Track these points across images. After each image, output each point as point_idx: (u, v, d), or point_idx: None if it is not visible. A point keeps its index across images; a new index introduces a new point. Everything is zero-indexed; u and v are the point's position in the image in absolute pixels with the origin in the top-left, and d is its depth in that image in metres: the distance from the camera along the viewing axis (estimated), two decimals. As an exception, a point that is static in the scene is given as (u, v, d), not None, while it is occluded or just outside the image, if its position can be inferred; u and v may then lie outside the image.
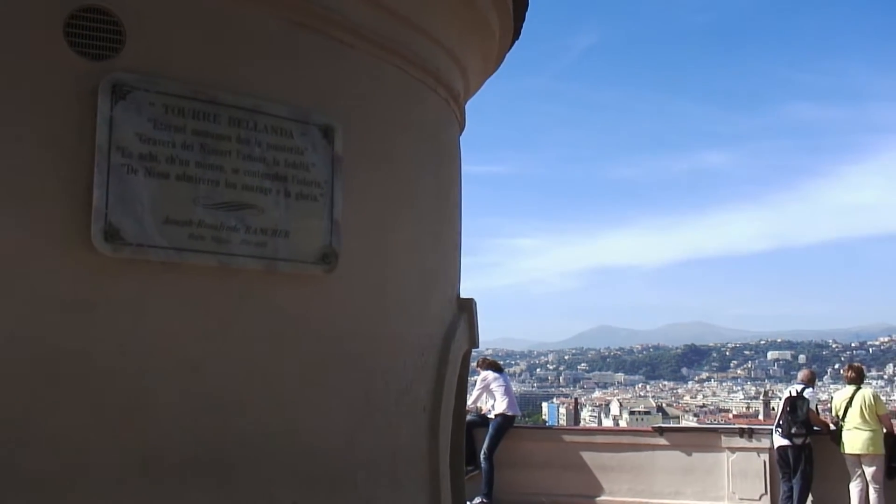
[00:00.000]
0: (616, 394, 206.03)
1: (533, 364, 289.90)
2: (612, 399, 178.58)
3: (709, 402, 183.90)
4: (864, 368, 11.23)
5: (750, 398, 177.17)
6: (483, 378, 12.53)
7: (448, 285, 3.75)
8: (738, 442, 11.26)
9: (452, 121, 3.89)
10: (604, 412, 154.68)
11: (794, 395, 10.75)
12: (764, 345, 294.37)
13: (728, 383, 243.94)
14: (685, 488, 11.41)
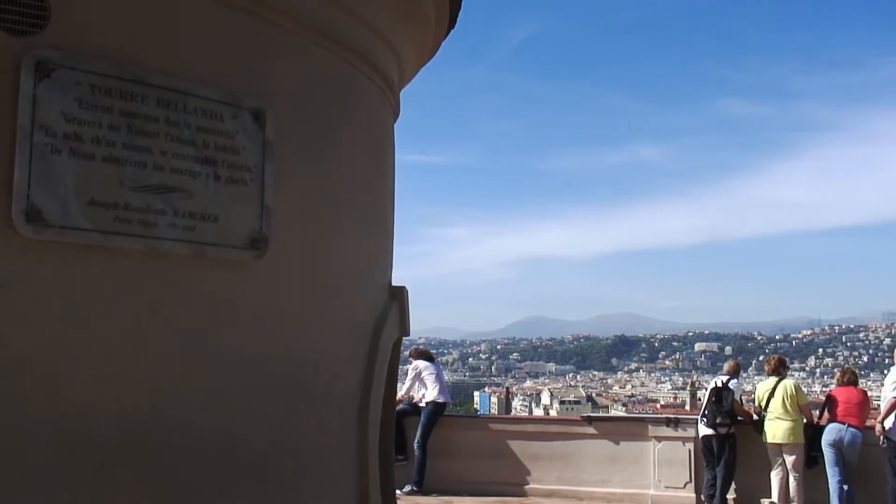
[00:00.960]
0: (547, 383, 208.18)
1: (465, 353, 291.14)
2: (543, 389, 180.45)
3: (637, 393, 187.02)
4: (786, 360, 11.52)
5: (677, 388, 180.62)
6: (415, 367, 12.56)
7: (380, 273, 3.74)
8: (664, 431, 11.45)
9: (386, 108, 3.88)
10: (535, 401, 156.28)
11: (719, 385, 10.97)
12: (692, 336, 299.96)
13: (656, 374, 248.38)
14: (612, 476, 11.57)
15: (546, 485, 11.74)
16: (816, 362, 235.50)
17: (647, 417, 12.79)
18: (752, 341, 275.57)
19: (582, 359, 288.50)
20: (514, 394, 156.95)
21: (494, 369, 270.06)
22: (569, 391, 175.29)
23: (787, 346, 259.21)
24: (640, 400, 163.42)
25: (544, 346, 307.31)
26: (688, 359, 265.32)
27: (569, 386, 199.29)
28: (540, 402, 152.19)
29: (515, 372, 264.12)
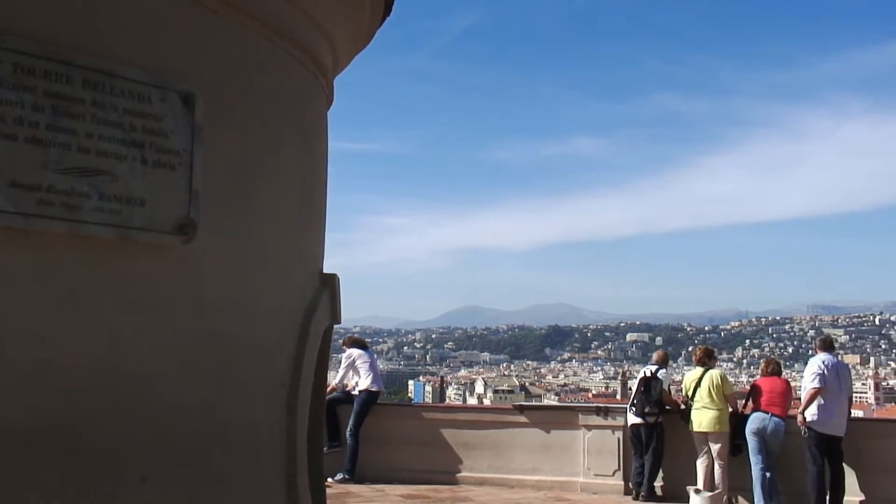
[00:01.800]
0: (481, 373, 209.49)
1: (400, 342, 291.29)
2: (477, 378, 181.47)
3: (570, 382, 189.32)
4: (713, 351, 11.74)
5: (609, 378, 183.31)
6: (348, 355, 12.54)
7: (311, 260, 3.72)
8: (594, 420, 11.61)
9: (320, 95, 3.85)
10: (469, 390, 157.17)
11: (647, 375, 11.17)
12: (624, 327, 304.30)
13: (589, 364, 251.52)
14: (543, 464, 11.71)
15: (477, 473, 11.83)
16: (744, 353, 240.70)
17: (577, 406, 12.96)
18: (682, 332, 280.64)
19: (516, 348, 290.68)
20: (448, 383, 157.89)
21: (429, 358, 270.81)
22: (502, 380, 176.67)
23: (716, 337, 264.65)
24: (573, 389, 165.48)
25: (479, 335, 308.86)
26: (619, 349, 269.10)
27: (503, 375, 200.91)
28: (474, 392, 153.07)
29: (450, 361, 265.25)
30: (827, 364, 10.29)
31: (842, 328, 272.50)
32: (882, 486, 10.01)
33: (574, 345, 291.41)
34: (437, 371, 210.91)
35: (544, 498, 10.94)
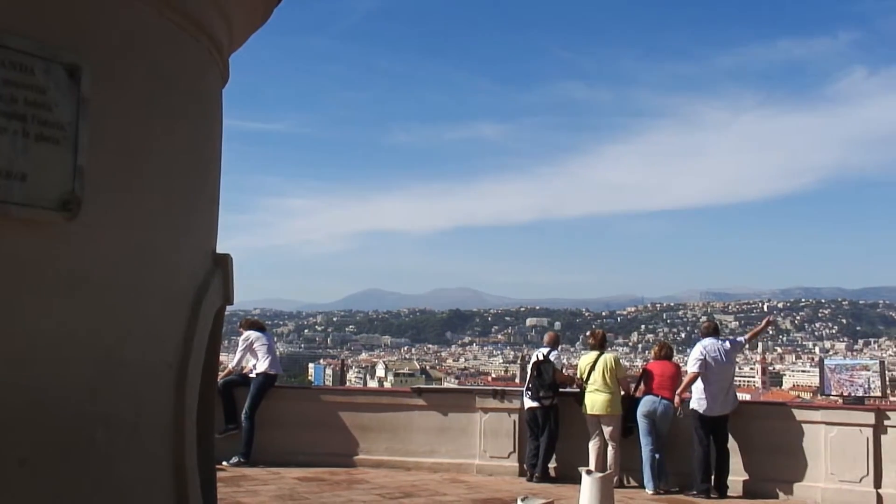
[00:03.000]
0: (382, 356, 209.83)
1: (301, 325, 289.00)
2: (378, 361, 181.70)
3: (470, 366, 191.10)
4: (606, 335, 12.01)
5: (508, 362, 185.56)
6: (246, 338, 12.39)
7: (203, 239, 3.64)
8: (490, 403, 11.76)
9: (214, 72, 3.77)
10: (370, 374, 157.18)
11: (539, 359, 11.35)
12: (524, 312, 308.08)
13: (489, 347, 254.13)
14: (440, 447, 11.82)
15: (375, 455, 11.88)
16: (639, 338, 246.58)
17: (474, 389, 13.12)
18: (580, 317, 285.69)
19: (417, 332, 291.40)
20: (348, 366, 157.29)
21: (330, 341, 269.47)
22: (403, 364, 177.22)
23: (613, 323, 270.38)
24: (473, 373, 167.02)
25: (380, 318, 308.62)
26: (519, 333, 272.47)
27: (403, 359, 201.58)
28: (375, 375, 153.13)
29: (351, 344, 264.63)
30: (709, 349, 10.64)
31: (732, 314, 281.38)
32: (765, 465, 10.42)
33: (475, 329, 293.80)
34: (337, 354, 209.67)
35: (440, 480, 11.04)
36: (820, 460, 10.13)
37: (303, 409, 12.31)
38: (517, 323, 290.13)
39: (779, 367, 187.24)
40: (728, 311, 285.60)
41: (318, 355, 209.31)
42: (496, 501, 9.63)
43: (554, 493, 9.35)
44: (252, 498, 9.40)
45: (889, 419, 9.86)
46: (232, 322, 13.54)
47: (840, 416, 10.14)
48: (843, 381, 10.55)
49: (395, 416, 12.06)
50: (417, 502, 9.51)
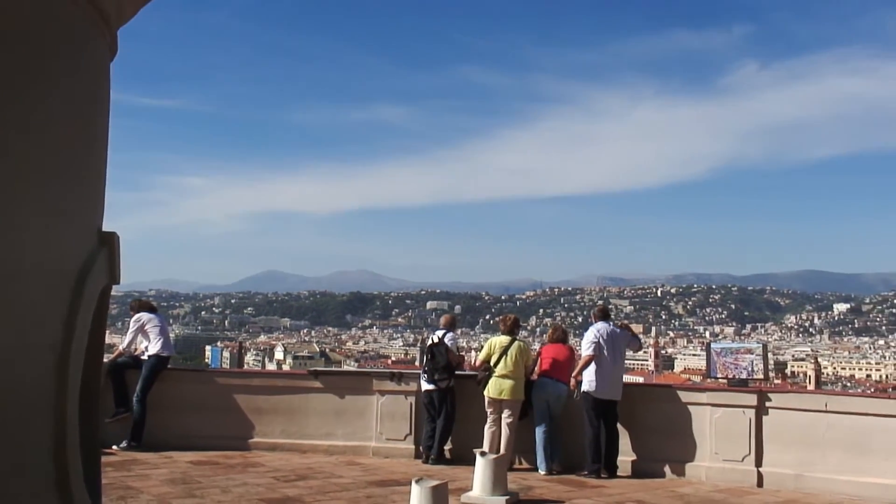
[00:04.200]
0: (281, 338, 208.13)
1: (198, 307, 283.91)
2: (277, 344, 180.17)
3: (370, 349, 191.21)
4: (519, 319, 12.07)
5: (409, 345, 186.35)
6: (137, 319, 12.11)
7: (86, 217, 3.53)
8: (388, 385, 11.78)
9: (101, 44, 3.64)
10: (268, 356, 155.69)
11: (435, 341, 11.41)
12: (424, 295, 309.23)
13: (389, 330, 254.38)
14: (336, 430, 11.79)
15: (270, 438, 11.79)
16: (537, 322, 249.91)
17: (371, 372, 13.13)
18: (480, 301, 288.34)
19: (317, 315, 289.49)
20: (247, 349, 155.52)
21: (228, 323, 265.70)
22: (303, 346, 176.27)
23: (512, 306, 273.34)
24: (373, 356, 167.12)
25: (280, 301, 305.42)
26: (419, 316, 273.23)
27: (303, 341, 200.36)
28: (273, 358, 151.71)
29: (249, 326, 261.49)
30: (602, 333, 10.88)
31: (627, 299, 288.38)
32: (653, 445, 10.72)
33: (375, 312, 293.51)
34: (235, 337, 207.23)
35: (336, 462, 11.02)
36: (705, 440, 10.46)
37: (197, 392, 12.12)
38: (417, 306, 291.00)
39: (671, 350, 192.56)
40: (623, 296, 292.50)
41: (216, 338, 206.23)
42: (391, 483, 9.67)
43: (449, 475, 9.44)
44: (142, 482, 9.24)
45: (770, 400, 10.25)
46: (126, 303, 13.20)
47: (724, 398, 10.50)
48: (728, 365, 10.92)
49: (292, 398, 11.98)
50: (313, 485, 9.48)
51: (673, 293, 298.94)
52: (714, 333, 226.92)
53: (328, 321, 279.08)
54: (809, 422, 9.91)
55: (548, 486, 9.81)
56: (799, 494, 9.53)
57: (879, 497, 9.15)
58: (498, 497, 8.59)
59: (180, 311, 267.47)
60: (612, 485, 9.99)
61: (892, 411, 9.57)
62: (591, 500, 9.06)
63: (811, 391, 16.42)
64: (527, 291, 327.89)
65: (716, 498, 9.33)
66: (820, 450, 9.77)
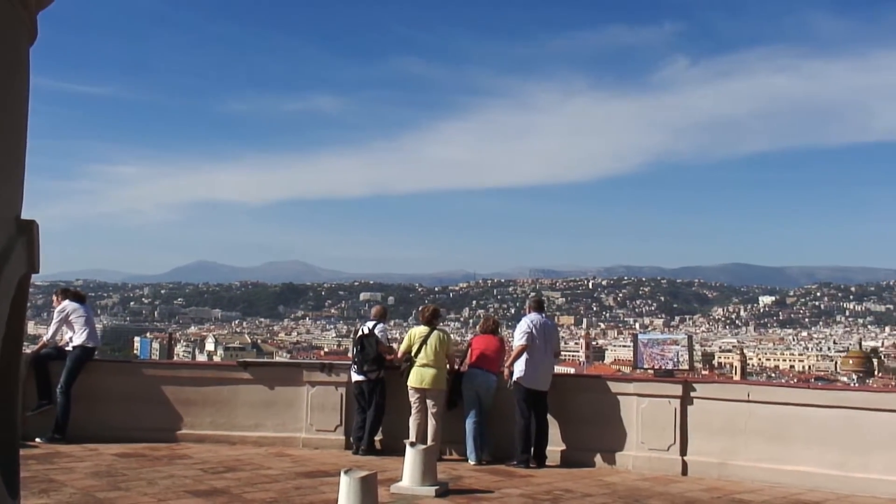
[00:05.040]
0: (212, 329, 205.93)
1: (127, 297, 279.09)
2: (207, 335, 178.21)
3: (303, 340, 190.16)
4: (439, 310, 12.12)
5: (342, 336, 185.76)
6: (62, 309, 11.87)
7: (4, 205, 3.46)
8: (318, 376, 11.75)
9: (19, 28, 3.56)
10: (199, 347, 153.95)
11: (364, 333, 11.40)
12: (358, 286, 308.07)
13: (322, 322, 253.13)
14: (266, 421, 11.73)
15: (198, 430, 11.70)
16: (470, 313, 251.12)
17: (302, 363, 13.09)
18: (413, 292, 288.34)
19: (249, 305, 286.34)
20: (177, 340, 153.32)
21: (157, 314, 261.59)
22: (234, 337, 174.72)
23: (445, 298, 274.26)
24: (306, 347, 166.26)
25: (211, 291, 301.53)
26: (353, 308, 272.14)
27: (235, 332, 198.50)
28: (204, 349, 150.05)
29: (180, 317, 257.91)
30: (535, 323, 10.98)
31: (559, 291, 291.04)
32: (581, 435, 10.87)
33: (308, 303, 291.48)
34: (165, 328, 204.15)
35: (265, 454, 10.96)
36: (632, 430, 10.64)
37: (123, 384, 11.92)
38: (351, 297, 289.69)
39: (602, 341, 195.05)
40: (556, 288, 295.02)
41: (145, 328, 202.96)
42: (321, 474, 9.64)
43: (378, 466, 9.45)
44: (66, 475, 9.06)
45: (695, 390, 10.45)
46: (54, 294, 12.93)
47: (651, 388, 10.68)
48: (654, 355, 11.12)
49: (220, 389, 11.86)
50: (241, 476, 9.40)
51: (604, 285, 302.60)
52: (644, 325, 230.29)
53: (260, 312, 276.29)
54: (732, 411, 10.14)
55: (477, 476, 9.88)
56: (722, 482, 9.74)
57: (799, 484, 9.41)
58: (427, 487, 8.63)
59: (108, 302, 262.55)
60: (541, 474, 10.11)
61: (810, 401, 9.84)
62: (519, 489, 9.15)
63: (735, 381, 16.83)
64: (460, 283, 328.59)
65: (641, 486, 9.49)
66: (742, 438, 10.00)
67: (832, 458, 9.43)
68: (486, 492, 9.01)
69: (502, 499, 8.66)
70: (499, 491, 9.05)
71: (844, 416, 9.52)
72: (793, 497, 8.98)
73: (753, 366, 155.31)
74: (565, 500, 8.64)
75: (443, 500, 8.43)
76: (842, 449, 9.41)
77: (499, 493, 8.97)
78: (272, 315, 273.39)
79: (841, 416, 9.54)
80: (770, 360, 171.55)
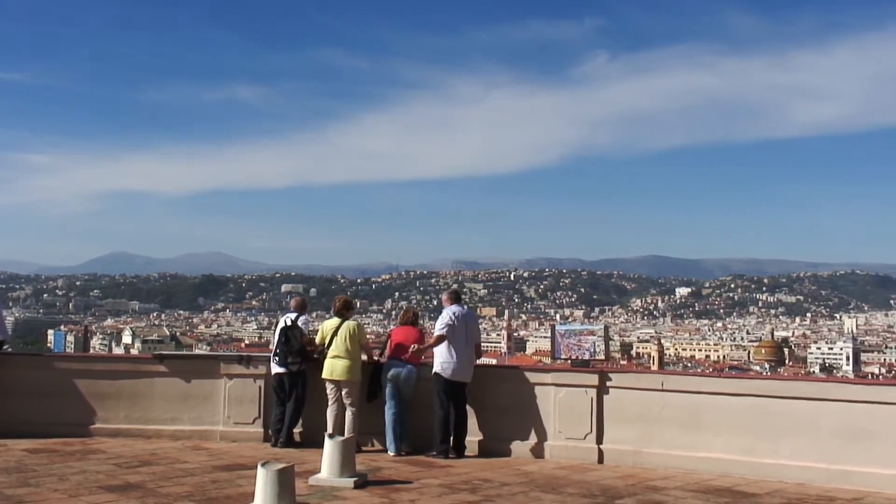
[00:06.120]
0: (129, 322, 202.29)
1: (40, 289, 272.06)
2: (124, 327, 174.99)
3: (223, 332, 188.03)
4: (351, 302, 12.02)
5: (263, 328, 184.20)
6: (-31, 302, 11.52)
7: None
8: (236, 369, 11.62)
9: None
10: (115, 340, 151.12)
11: (287, 324, 11.30)
12: (279, 278, 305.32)
13: (243, 314, 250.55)
14: (182, 414, 11.57)
15: (113, 424, 11.52)
16: (393, 304, 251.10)
17: (219, 355, 12.93)
18: (335, 284, 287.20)
19: (168, 297, 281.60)
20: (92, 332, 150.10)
21: (72, 307, 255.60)
22: (152, 330, 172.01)
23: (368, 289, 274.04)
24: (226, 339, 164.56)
25: (128, 283, 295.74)
26: (274, 300, 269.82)
27: (153, 325, 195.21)
28: (121, 342, 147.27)
29: (96, 310, 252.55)
30: (457, 315, 11.02)
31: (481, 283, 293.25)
32: (500, 425, 10.94)
33: (229, 295, 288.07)
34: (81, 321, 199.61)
35: (182, 447, 10.80)
36: (550, 419, 10.74)
37: (34, 377, 11.62)
38: (272, 289, 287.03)
39: (523, 333, 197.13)
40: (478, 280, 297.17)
41: (59, 321, 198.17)
42: (238, 467, 9.53)
43: (297, 458, 9.39)
44: (-28, 472, 8.81)
45: (611, 380, 10.60)
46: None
47: (568, 378, 10.79)
48: (571, 346, 11.24)
49: (136, 383, 11.64)
50: (156, 471, 9.25)
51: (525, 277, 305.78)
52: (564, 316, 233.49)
53: (179, 304, 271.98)
54: (647, 400, 10.32)
55: (396, 467, 9.89)
56: (637, 470, 9.92)
57: (710, 470, 9.64)
58: (346, 479, 8.60)
59: (20, 294, 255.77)
60: (460, 465, 10.16)
61: (722, 389, 10.08)
62: (438, 479, 9.18)
63: (650, 371, 17.14)
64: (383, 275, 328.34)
65: (558, 475, 9.61)
66: (657, 427, 10.20)
67: (743, 444, 9.68)
68: (405, 482, 9.02)
69: (421, 489, 8.68)
70: (418, 482, 9.07)
71: (754, 403, 9.78)
72: (704, 483, 9.19)
73: (670, 355, 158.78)
74: (483, 490, 8.70)
75: (361, 492, 8.41)
76: (752, 435, 9.67)
77: (418, 483, 8.99)
78: (192, 307, 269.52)
79: (751, 404, 9.78)
80: (686, 349, 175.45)
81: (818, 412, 9.39)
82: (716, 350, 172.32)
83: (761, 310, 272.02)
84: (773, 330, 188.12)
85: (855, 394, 9.39)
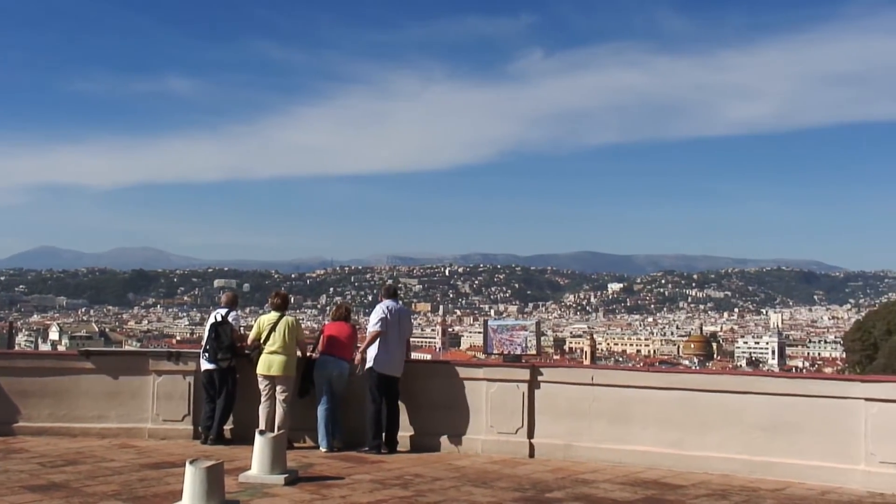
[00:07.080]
0: (57, 318, 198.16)
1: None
2: (51, 323, 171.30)
3: (154, 328, 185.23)
4: (289, 297, 11.97)
5: (195, 324, 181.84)
6: None
7: None
8: (165, 365, 11.45)
9: None
10: (42, 337, 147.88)
11: (217, 320, 11.17)
12: (212, 273, 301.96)
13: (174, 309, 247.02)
14: (110, 412, 11.39)
15: (37, 422, 11.30)
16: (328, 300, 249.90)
17: (148, 352, 12.73)
18: (269, 279, 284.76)
19: (96, 293, 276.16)
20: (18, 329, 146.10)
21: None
22: (81, 326, 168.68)
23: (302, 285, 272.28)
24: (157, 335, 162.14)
25: (55, 278, 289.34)
26: (206, 295, 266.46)
27: (81, 321, 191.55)
28: (48, 338, 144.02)
29: (21, 305, 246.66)
30: (390, 310, 11.02)
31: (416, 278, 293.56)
32: (432, 420, 10.97)
33: (160, 290, 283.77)
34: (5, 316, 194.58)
35: (109, 445, 10.63)
36: (481, 414, 10.79)
37: (-47, 376, 11.32)
38: (205, 284, 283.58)
39: (458, 328, 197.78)
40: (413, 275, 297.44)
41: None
42: (167, 465, 9.41)
43: (227, 455, 9.31)
44: None
45: (542, 375, 10.70)
46: None
47: (499, 373, 10.85)
48: (503, 341, 11.30)
49: (61, 380, 11.40)
50: (82, 470, 9.07)
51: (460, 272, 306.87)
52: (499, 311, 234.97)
53: (108, 300, 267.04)
54: (578, 395, 10.44)
55: (328, 463, 9.86)
56: (567, 463, 10.03)
57: (639, 463, 9.79)
58: (276, 475, 8.55)
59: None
60: (392, 460, 10.16)
61: (650, 383, 10.23)
62: (370, 475, 9.17)
63: (581, 366, 17.34)
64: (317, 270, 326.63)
65: (490, 469, 9.67)
66: (587, 421, 10.32)
67: (670, 437, 9.85)
68: (337, 478, 8.99)
69: (352, 485, 8.66)
70: (349, 477, 9.05)
71: (682, 397, 9.95)
72: (633, 476, 9.33)
73: (603, 350, 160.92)
74: (415, 485, 8.71)
75: (292, 489, 8.37)
76: (679, 429, 9.84)
77: (349, 479, 8.97)
78: (121, 303, 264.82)
79: (679, 398, 9.96)
80: (618, 344, 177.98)
81: (744, 405, 9.59)
82: (647, 345, 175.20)
83: (691, 305, 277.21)
84: (701, 325, 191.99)
85: (779, 387, 9.62)
